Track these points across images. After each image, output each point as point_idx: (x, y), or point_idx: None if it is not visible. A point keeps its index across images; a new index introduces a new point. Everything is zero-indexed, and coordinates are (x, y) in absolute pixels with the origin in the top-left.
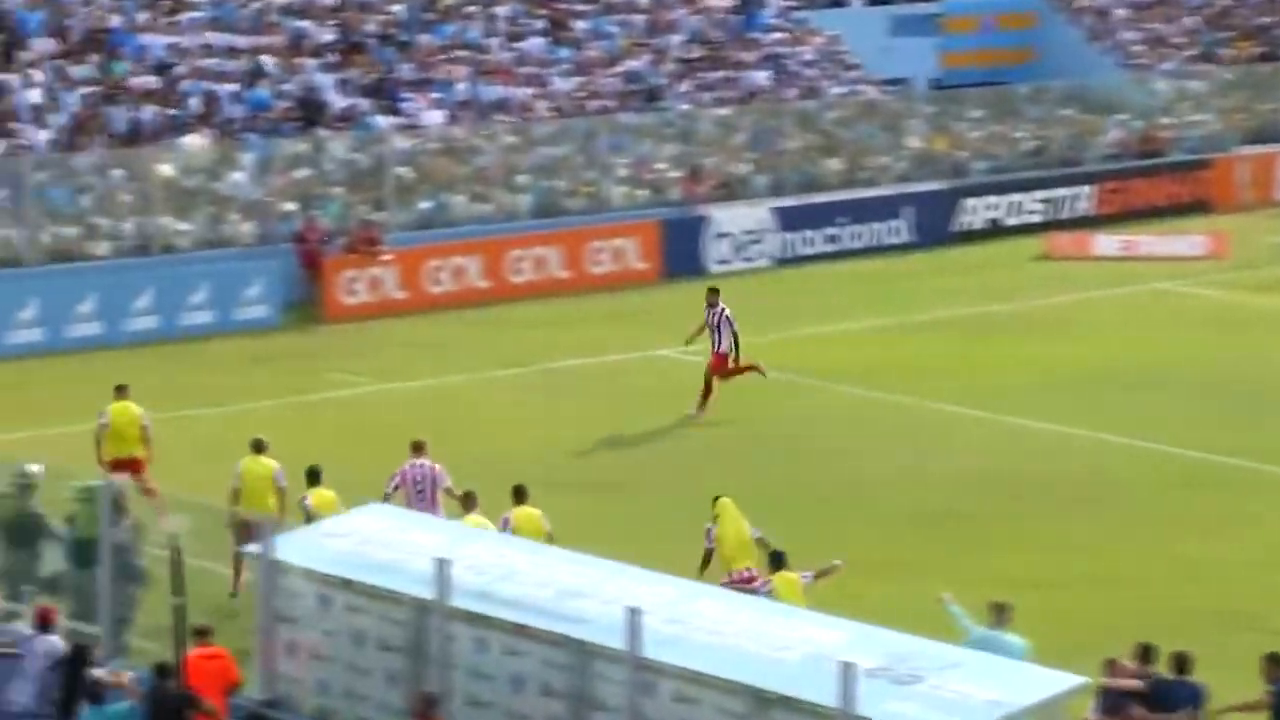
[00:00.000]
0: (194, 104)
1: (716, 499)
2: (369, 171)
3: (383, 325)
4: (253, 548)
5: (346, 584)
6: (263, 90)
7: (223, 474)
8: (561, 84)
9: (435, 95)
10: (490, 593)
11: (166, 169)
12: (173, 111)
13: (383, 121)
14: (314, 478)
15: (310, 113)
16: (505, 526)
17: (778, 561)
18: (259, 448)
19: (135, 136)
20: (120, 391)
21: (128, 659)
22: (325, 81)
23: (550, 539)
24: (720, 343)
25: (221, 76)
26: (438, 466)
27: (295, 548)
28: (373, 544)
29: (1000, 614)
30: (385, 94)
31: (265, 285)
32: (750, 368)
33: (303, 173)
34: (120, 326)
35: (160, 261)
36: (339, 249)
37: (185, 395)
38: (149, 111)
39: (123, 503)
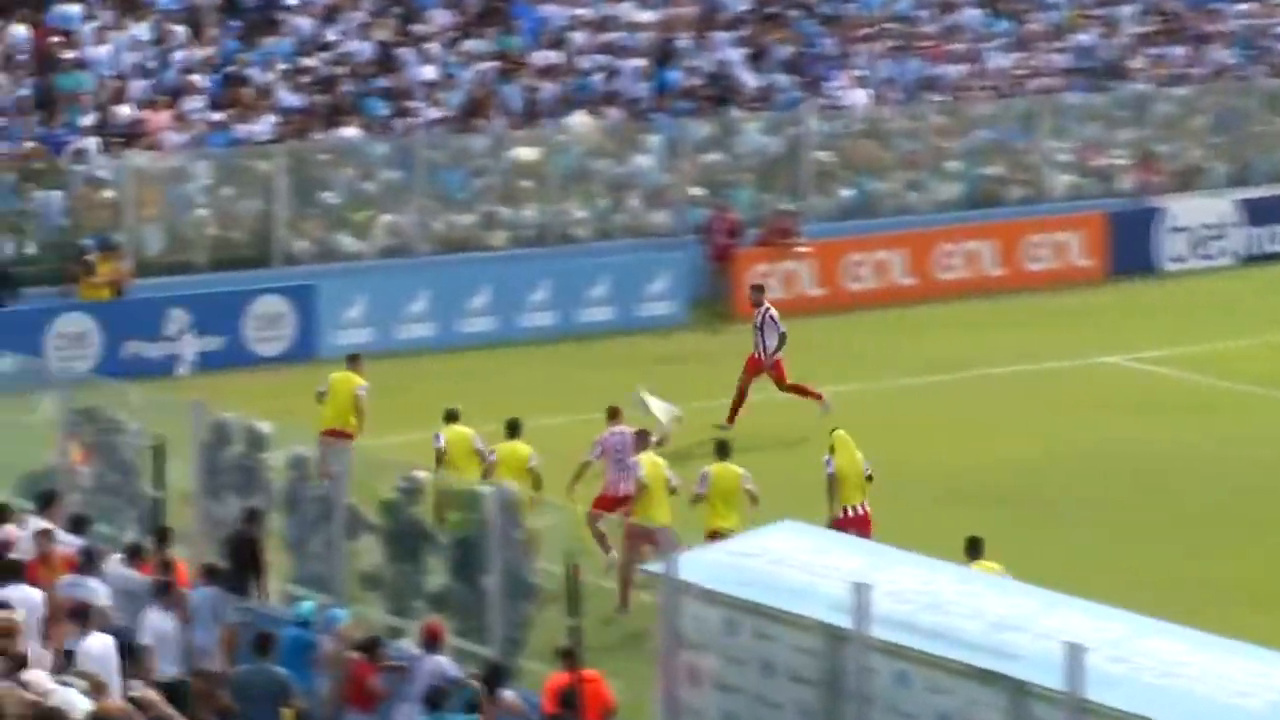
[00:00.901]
0: (596, 81)
1: (834, 431)
2: (785, 156)
3: (798, 325)
4: (653, 566)
5: (756, 608)
6: (671, 67)
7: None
8: (999, 60)
9: (859, 73)
10: (914, 623)
11: (528, 152)
12: (573, 87)
13: (801, 101)
14: (452, 418)
15: (722, 91)
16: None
17: (975, 550)
18: (453, 418)
19: (532, 115)
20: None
21: (519, 683)
22: (738, 57)
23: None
24: (765, 347)
25: (626, 51)
26: (630, 431)
27: (700, 567)
28: (785, 565)
29: None
30: (804, 71)
31: (670, 280)
32: (809, 393)
33: (713, 157)
34: (515, 322)
35: (558, 253)
36: (751, 241)
37: (582, 398)
38: (548, 89)
39: (516, 512)
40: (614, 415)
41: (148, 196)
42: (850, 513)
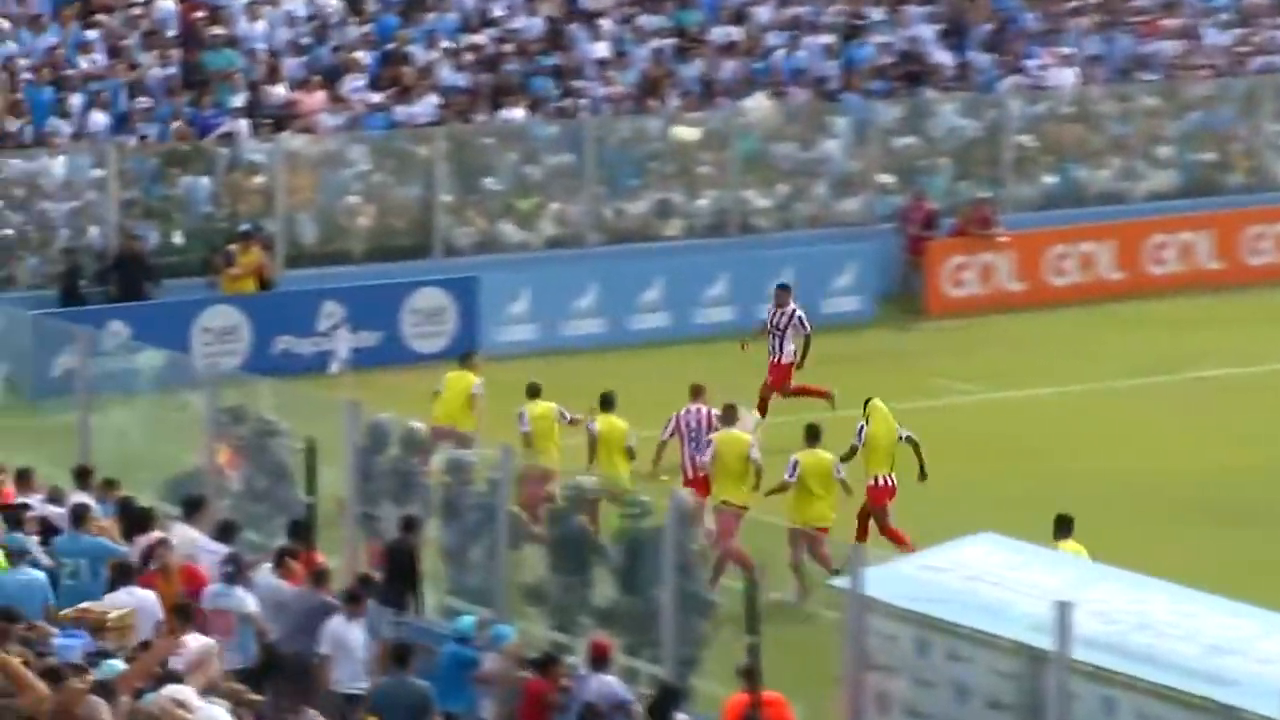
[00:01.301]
0: (779, 59)
1: (868, 401)
2: (983, 140)
3: (995, 322)
4: (838, 581)
5: (948, 627)
6: (860, 43)
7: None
8: (1218, 37)
9: (1064, 50)
10: (1121, 645)
11: (688, 133)
12: (756, 66)
13: (1000, 81)
14: (534, 392)
15: (915, 70)
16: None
17: (1065, 528)
18: (535, 392)
19: (710, 95)
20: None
21: (692, 706)
22: (933, 34)
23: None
24: (782, 351)
25: (811, 27)
26: (707, 409)
27: (888, 582)
28: (981, 580)
29: None
30: (1004, 49)
31: (858, 272)
32: (819, 393)
33: (905, 141)
34: (689, 318)
35: (736, 244)
36: (946, 231)
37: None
38: (727, 67)
39: (692, 521)
40: (697, 393)
41: (300, 182)
42: (879, 482)
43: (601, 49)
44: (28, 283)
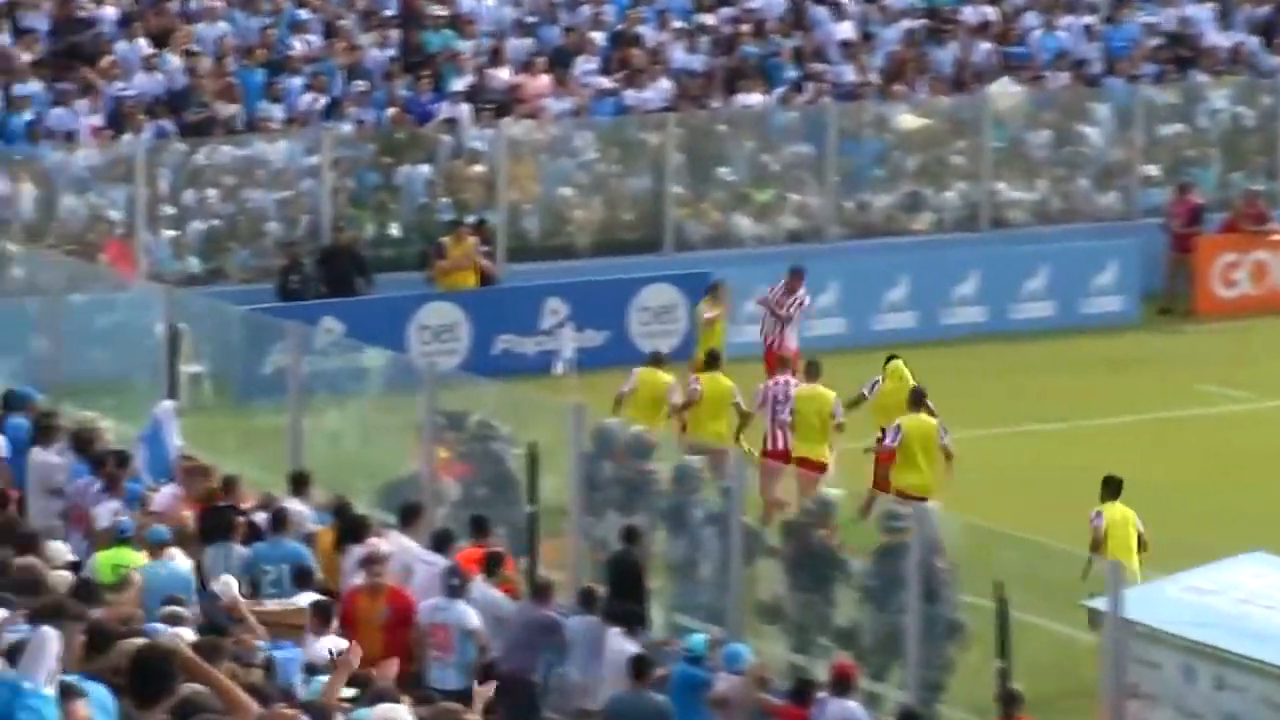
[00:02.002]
0: (1036, 41)
1: (891, 359)
2: (1257, 129)
3: (1269, 325)
4: (1096, 602)
5: (1217, 654)
6: (1125, 24)
7: (1057, 500)
8: None
9: None
10: None
11: (912, 122)
12: (1011, 50)
13: (1278, 66)
14: (656, 360)
15: (1185, 53)
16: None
17: (1113, 490)
18: (658, 360)
19: (962, 80)
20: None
21: None
22: (1205, 14)
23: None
24: (781, 340)
25: (1072, 7)
26: (795, 381)
27: (1151, 605)
28: (1253, 604)
29: None
30: None
31: (1120, 271)
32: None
33: (1173, 129)
34: (936, 318)
35: (988, 239)
36: (1215, 226)
37: (1015, 406)
38: (981, 50)
39: (936, 538)
40: (783, 365)
41: (523, 171)
42: (886, 435)
43: (845, 30)
44: (238, 277)
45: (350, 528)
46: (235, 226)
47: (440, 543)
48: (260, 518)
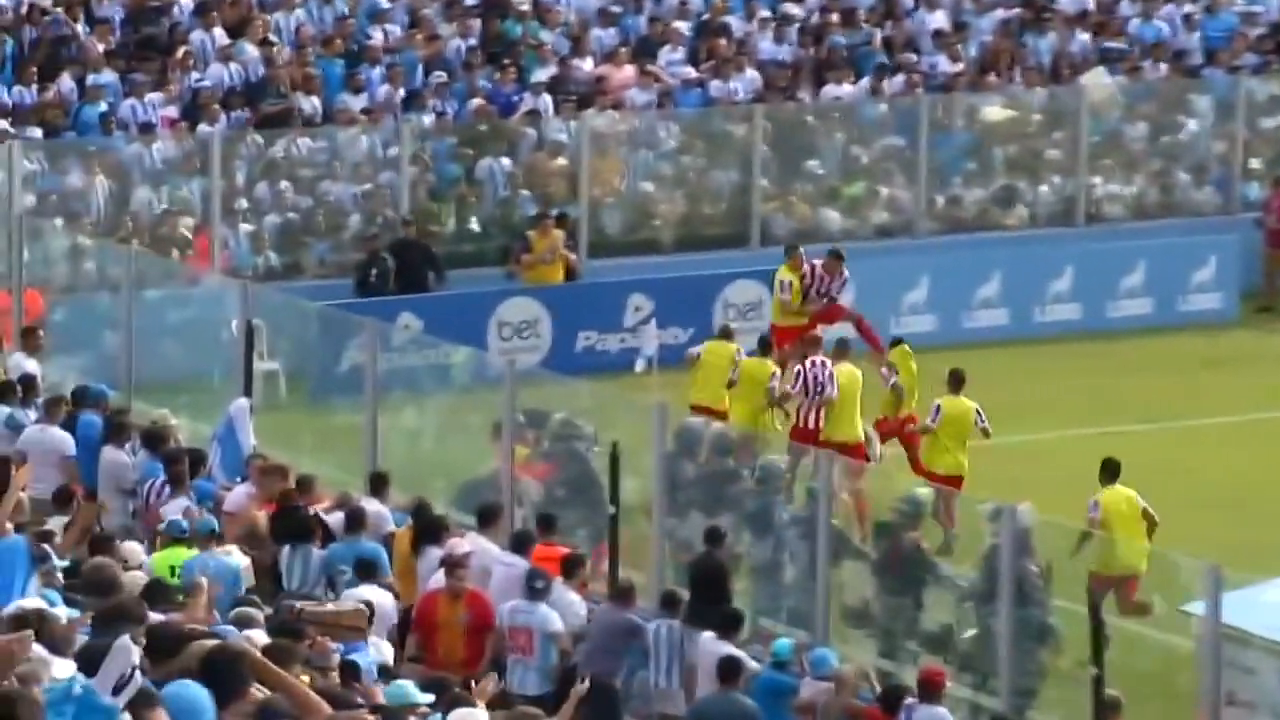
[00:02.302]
0: (1136, 30)
1: (897, 343)
2: None
3: None
4: (1193, 606)
5: None
6: (1227, 13)
7: (1152, 503)
8: None
9: None
10: None
11: (996, 114)
12: (1110, 44)
13: None
14: (725, 334)
15: None
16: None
17: (1112, 473)
18: (727, 334)
19: (1058, 71)
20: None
21: None
22: None
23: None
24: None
25: None
26: (830, 366)
27: (1249, 609)
28: None
29: None
30: None
31: (1219, 267)
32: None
33: (1275, 121)
34: (1029, 316)
35: (1084, 234)
36: None
37: (1110, 406)
38: (1079, 41)
39: (1027, 540)
40: (815, 344)
41: (606, 164)
42: (891, 422)
43: (938, 19)
44: (315, 272)
45: (428, 529)
46: (312, 220)
47: (519, 544)
48: (336, 518)
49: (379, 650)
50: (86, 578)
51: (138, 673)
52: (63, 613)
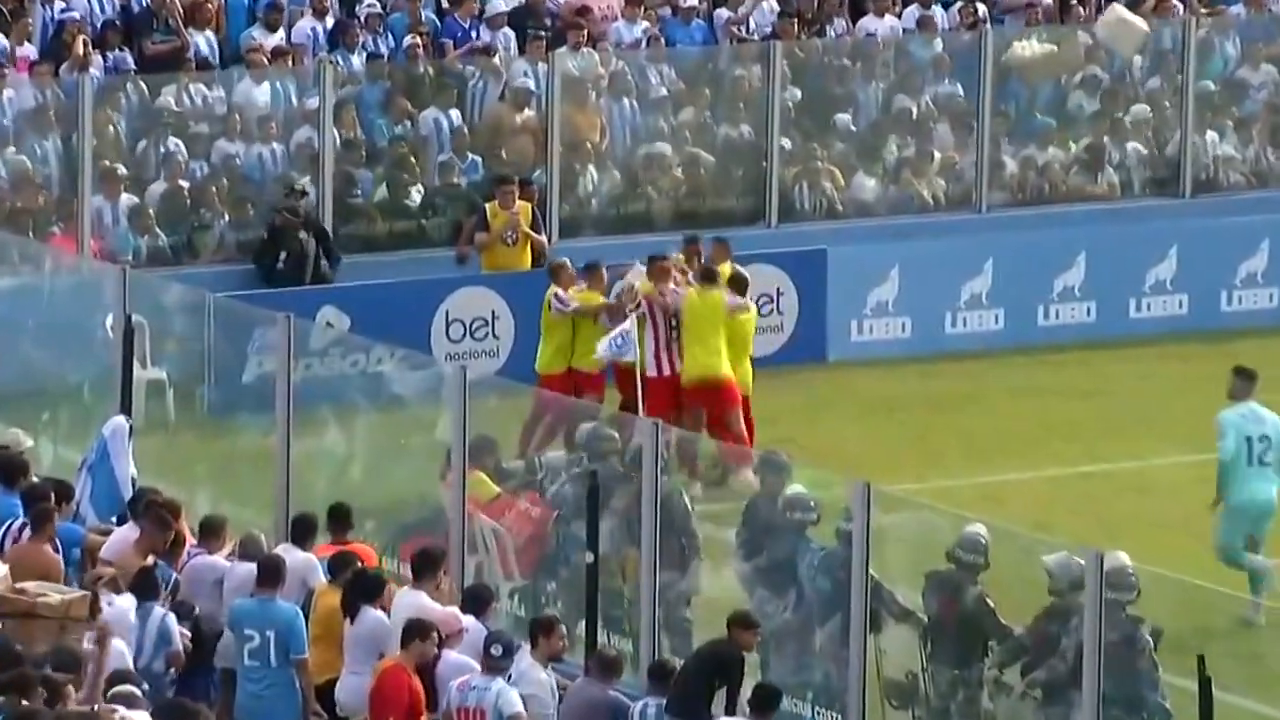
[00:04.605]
0: None
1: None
2: None
3: None
4: None
5: None
6: None
7: None
8: None
9: None
10: None
11: (1029, 49)
12: None
13: None
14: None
15: None
16: None
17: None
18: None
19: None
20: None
21: None
22: None
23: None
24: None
25: None
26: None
27: None
28: None
29: None
30: None
31: None
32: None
33: None
34: (1124, 310)
35: (1192, 207)
36: None
37: None
38: None
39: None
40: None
41: (583, 118)
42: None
43: None
44: (212, 255)
45: (361, 585)
46: (209, 190)
47: (474, 603)
48: (244, 570)
49: None
50: None
51: None
52: None
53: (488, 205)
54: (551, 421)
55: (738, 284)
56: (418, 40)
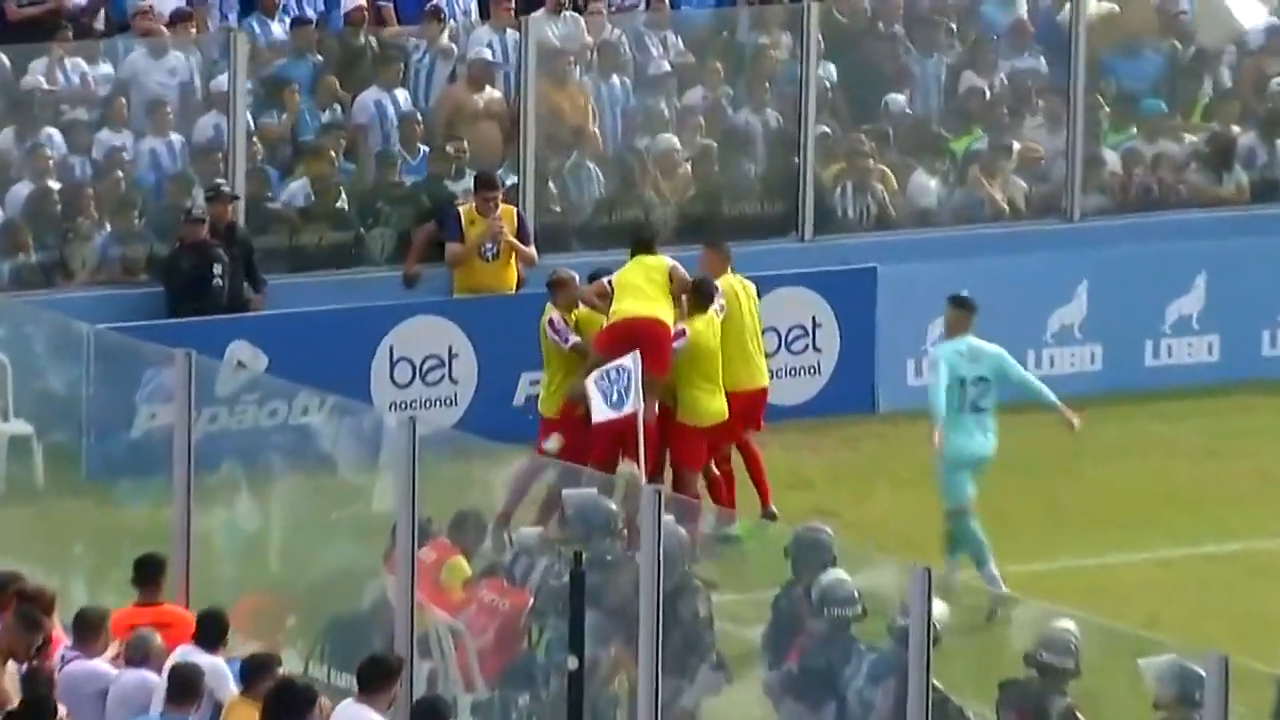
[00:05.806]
0: None
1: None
2: None
3: None
4: None
5: None
6: None
7: None
8: None
9: None
10: None
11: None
12: None
13: None
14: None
15: None
16: None
17: None
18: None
19: None
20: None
21: None
22: None
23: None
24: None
25: None
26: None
27: None
28: None
29: None
30: None
31: None
32: None
33: None
34: (1254, 347)
35: None
36: None
37: None
38: None
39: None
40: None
41: (565, 100)
42: None
43: None
44: (93, 275)
45: (286, 697)
46: (88, 193)
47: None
48: (130, 677)
49: None
50: None
51: None
52: None
53: (462, 210)
54: (524, 480)
55: (700, 292)
56: (360, 2)
